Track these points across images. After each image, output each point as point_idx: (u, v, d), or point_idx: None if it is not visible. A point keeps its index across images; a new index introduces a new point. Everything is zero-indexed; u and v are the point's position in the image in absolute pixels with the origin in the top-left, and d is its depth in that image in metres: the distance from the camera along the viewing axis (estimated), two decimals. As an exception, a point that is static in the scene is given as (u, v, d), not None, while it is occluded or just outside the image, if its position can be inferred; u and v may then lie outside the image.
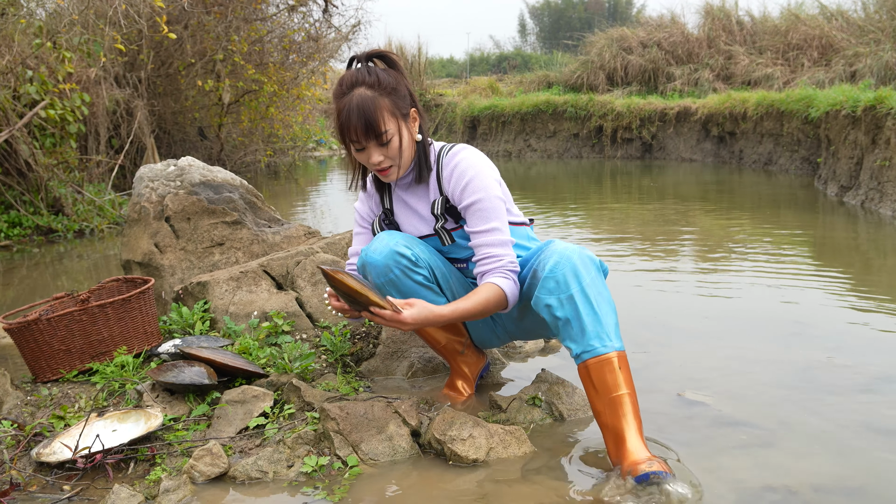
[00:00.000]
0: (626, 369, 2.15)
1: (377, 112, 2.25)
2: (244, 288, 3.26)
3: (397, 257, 2.37)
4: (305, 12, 10.97)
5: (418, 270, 2.40)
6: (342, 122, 2.28)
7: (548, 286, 2.18)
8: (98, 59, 6.78)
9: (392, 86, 2.30)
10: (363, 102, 2.24)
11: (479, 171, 2.36)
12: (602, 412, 2.16)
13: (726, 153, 13.34)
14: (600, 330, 2.14)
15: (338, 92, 2.31)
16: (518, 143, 16.56)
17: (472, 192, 2.34)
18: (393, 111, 2.29)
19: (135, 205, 3.64)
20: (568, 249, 2.21)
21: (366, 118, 2.24)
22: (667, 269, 4.88)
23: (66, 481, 2.17)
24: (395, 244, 2.39)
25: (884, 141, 7.44)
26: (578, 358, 2.18)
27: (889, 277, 4.78)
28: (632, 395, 2.15)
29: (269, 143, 12.41)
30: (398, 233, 2.46)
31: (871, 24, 13.27)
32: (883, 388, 2.75)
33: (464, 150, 2.42)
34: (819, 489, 2.02)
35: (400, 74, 2.36)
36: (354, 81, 2.29)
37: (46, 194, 7.00)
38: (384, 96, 2.28)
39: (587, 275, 2.18)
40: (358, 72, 2.30)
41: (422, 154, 2.43)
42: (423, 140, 2.42)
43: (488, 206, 2.34)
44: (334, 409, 2.29)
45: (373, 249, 2.40)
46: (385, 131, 2.27)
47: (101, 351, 2.81)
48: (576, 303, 2.15)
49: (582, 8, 41.73)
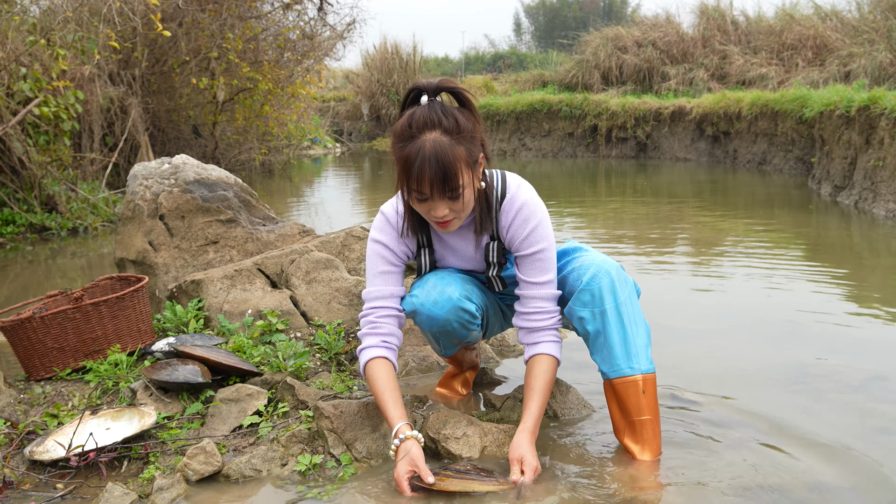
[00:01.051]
0: (651, 393, 2.16)
1: (455, 164, 1.96)
2: (238, 286, 3.25)
3: (461, 313, 2.23)
4: (300, 10, 10.96)
5: (476, 322, 2.30)
6: (414, 171, 1.96)
7: (583, 298, 2.18)
8: (92, 56, 6.76)
9: (470, 132, 2.02)
10: (441, 153, 1.94)
11: (542, 220, 2.18)
12: (622, 430, 2.22)
13: (721, 153, 13.37)
14: (630, 350, 2.16)
15: (404, 132, 2.00)
16: (513, 142, 16.57)
17: (535, 243, 2.18)
18: (468, 161, 2.01)
19: (129, 203, 3.63)
20: (606, 263, 2.19)
21: (444, 172, 1.95)
22: (660, 269, 4.89)
23: (60, 479, 2.16)
24: (458, 298, 2.22)
25: (877, 141, 7.47)
26: (604, 374, 2.20)
27: (882, 277, 4.79)
28: (654, 420, 2.18)
29: (263, 142, 12.39)
30: (453, 276, 2.28)
31: (865, 25, 13.30)
32: (876, 387, 2.76)
33: (523, 192, 2.20)
34: (813, 488, 2.03)
35: (474, 116, 2.07)
36: (427, 122, 1.97)
37: (40, 192, 6.97)
38: (461, 144, 1.99)
39: (622, 292, 2.17)
40: (433, 111, 1.98)
41: (484, 204, 2.18)
42: (486, 186, 2.17)
43: (548, 256, 2.20)
44: (328, 407, 2.29)
45: (432, 301, 2.22)
46: (460, 185, 2.00)
47: (94, 349, 2.81)
48: (608, 319, 2.15)
49: (577, 7, 41.73)
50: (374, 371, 2.20)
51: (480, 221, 2.18)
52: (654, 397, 2.17)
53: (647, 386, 2.15)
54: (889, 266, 5.11)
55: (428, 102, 2.01)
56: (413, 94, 2.06)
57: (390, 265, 2.27)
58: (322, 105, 21.30)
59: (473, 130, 2.04)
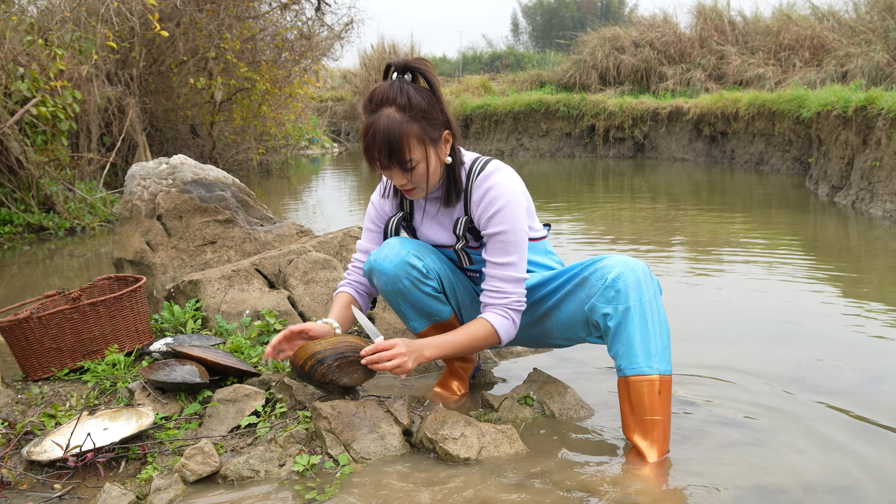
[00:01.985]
0: (666, 394, 2.17)
1: (402, 139, 2.13)
2: (236, 286, 3.25)
3: (408, 268, 2.32)
4: (298, 10, 10.96)
5: (428, 282, 2.35)
6: (367, 142, 2.16)
7: (608, 295, 2.20)
8: (90, 56, 6.75)
9: (424, 109, 2.17)
10: (389, 128, 2.12)
11: (510, 202, 2.25)
12: (632, 428, 2.21)
13: (718, 153, 13.39)
14: (651, 349, 2.17)
15: (366, 106, 2.19)
16: (510, 142, 16.58)
17: (499, 223, 2.25)
18: (421, 137, 2.17)
19: (126, 203, 3.63)
20: (632, 262, 2.22)
21: (389, 145, 2.13)
22: (657, 269, 4.90)
23: (57, 480, 2.16)
24: (406, 254, 2.32)
25: (874, 141, 7.48)
26: (620, 370, 2.21)
27: (879, 278, 4.80)
28: (665, 422, 2.19)
29: (261, 141, 12.39)
30: (410, 240, 2.40)
31: (862, 25, 13.32)
32: (872, 387, 2.76)
33: (497, 173, 2.29)
34: (809, 488, 2.03)
35: (435, 94, 2.22)
36: (384, 99, 2.15)
37: (37, 192, 6.97)
38: (413, 122, 2.15)
39: (647, 290, 2.20)
40: (390, 88, 2.16)
41: (451, 178, 2.32)
42: (453, 162, 2.30)
43: (512, 239, 2.26)
44: (326, 407, 2.29)
45: (383, 257, 2.34)
46: (410, 160, 2.17)
47: (92, 349, 2.81)
48: (632, 316, 2.17)
49: (574, 7, 41.76)
50: (336, 299, 2.55)
51: (447, 193, 2.33)
52: (668, 399, 2.18)
53: (662, 387, 2.17)
54: (886, 266, 5.12)
55: (392, 80, 2.19)
56: (385, 70, 2.24)
57: (374, 224, 2.54)
58: (320, 105, 21.30)
59: (429, 108, 2.18)
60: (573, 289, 2.33)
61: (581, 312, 2.31)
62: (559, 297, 2.37)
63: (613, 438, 2.36)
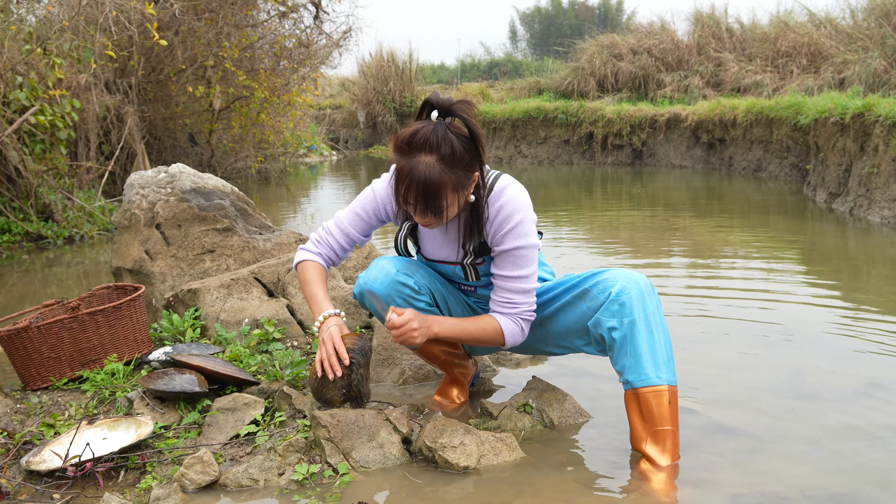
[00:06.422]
0: (675, 405, 2.20)
1: (441, 190, 2.07)
2: (235, 295, 3.25)
3: (400, 287, 2.34)
4: (296, 18, 10.99)
5: (420, 297, 2.37)
6: (403, 187, 2.08)
7: (611, 309, 2.22)
8: (88, 65, 6.77)
9: (465, 161, 2.10)
10: (429, 178, 2.04)
11: (525, 217, 2.23)
12: (643, 439, 2.22)
13: (716, 160, 13.41)
14: (658, 360, 2.19)
15: (403, 147, 2.09)
16: (509, 150, 16.60)
17: (514, 239, 2.23)
18: (456, 186, 2.10)
19: (125, 212, 3.63)
20: (633, 275, 2.25)
21: (426, 195, 2.07)
22: (656, 276, 4.90)
23: (56, 490, 2.16)
24: (396, 273, 2.34)
25: (872, 148, 7.50)
26: (629, 384, 2.22)
27: (877, 284, 4.81)
28: (675, 431, 2.21)
29: (259, 150, 12.40)
30: (397, 258, 2.41)
31: (859, 32, 13.36)
32: (871, 394, 2.77)
33: (508, 189, 2.24)
34: (808, 495, 2.04)
35: (475, 139, 2.12)
36: (425, 145, 2.05)
37: (36, 200, 6.97)
38: (452, 173, 2.07)
39: (651, 303, 2.22)
40: (433, 134, 2.05)
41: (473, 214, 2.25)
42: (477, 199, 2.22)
43: (525, 254, 2.26)
44: (325, 416, 2.29)
45: (373, 278, 2.36)
46: (444, 207, 2.12)
47: (91, 358, 2.80)
48: (637, 329, 2.19)
49: (572, 15, 41.86)
50: (306, 270, 2.46)
51: (469, 231, 2.27)
52: (676, 410, 2.21)
53: (671, 397, 2.19)
54: (884, 274, 5.13)
55: (435, 122, 2.09)
56: (427, 109, 2.14)
57: (365, 213, 2.44)
58: (318, 113, 21.33)
59: (469, 158, 2.11)
60: (573, 300, 2.34)
61: (580, 323, 2.33)
62: (557, 306, 2.39)
63: (613, 445, 2.36)
